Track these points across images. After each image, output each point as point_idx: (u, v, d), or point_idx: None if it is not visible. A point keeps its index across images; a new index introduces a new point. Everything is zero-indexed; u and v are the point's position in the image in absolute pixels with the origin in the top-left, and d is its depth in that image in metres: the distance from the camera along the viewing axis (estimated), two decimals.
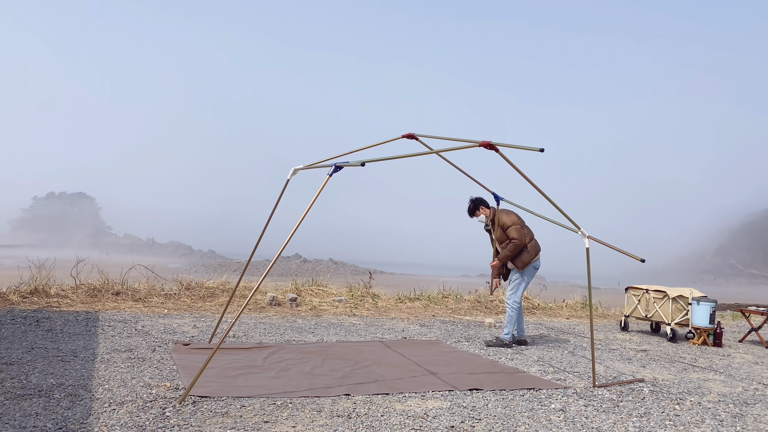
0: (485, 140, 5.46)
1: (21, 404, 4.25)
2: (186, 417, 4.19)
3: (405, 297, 11.57)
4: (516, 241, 7.33)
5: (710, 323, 8.33)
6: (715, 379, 6.34)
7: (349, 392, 5.02)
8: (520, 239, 7.34)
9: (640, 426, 4.53)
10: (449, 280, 17.67)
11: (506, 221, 7.44)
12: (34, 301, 8.70)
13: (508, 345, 7.48)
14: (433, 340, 7.82)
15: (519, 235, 7.34)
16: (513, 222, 7.41)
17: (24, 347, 6.02)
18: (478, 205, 7.58)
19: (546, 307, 11.76)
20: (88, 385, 4.81)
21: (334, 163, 5.14)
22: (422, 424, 4.30)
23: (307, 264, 45.66)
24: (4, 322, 7.22)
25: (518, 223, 7.43)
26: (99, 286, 9.53)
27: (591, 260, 5.87)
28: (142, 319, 8.10)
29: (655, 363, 7.02)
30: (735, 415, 4.98)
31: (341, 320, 9.10)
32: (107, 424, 3.95)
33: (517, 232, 7.35)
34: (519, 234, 7.35)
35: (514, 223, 7.40)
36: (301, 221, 5.12)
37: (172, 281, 10.44)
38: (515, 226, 7.38)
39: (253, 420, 4.21)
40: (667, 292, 8.78)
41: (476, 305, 11.27)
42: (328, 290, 11.24)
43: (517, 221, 7.43)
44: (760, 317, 10.79)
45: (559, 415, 4.71)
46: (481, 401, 4.96)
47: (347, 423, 4.24)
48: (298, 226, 5.14)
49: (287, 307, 9.83)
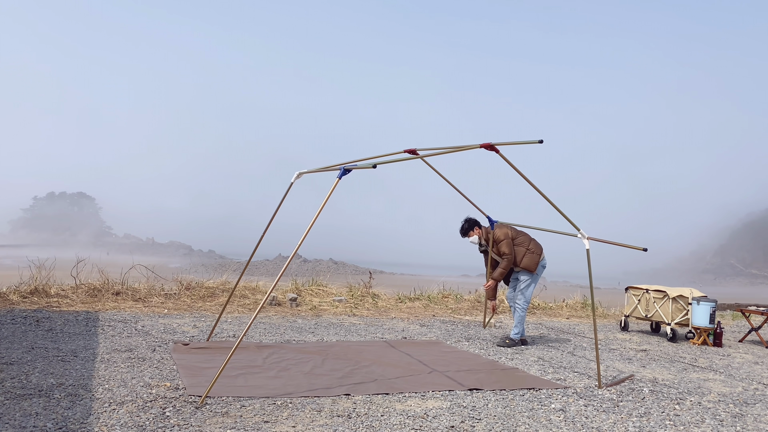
0: (486, 142, 5.47)
1: (21, 404, 4.25)
2: (186, 417, 4.19)
3: (405, 297, 11.58)
4: (508, 257, 7.40)
5: (710, 323, 8.33)
6: (715, 379, 6.34)
7: (349, 392, 5.02)
8: (510, 254, 7.40)
9: (640, 426, 4.53)
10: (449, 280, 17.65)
11: (499, 236, 7.50)
12: (34, 301, 8.70)
13: (518, 344, 7.58)
14: (433, 340, 7.82)
15: (509, 249, 7.41)
16: (505, 236, 7.46)
17: (24, 347, 6.02)
18: (472, 226, 7.61)
19: (546, 307, 11.76)
20: (88, 385, 4.81)
21: (342, 167, 5.15)
22: (422, 424, 4.30)
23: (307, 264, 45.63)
24: (4, 322, 7.22)
25: (510, 236, 7.47)
26: (99, 286, 9.53)
27: (591, 260, 5.87)
28: (142, 319, 8.10)
29: (655, 363, 7.02)
30: (735, 415, 4.98)
31: (341, 320, 9.10)
32: (107, 424, 3.95)
33: (507, 246, 7.42)
34: (510, 249, 7.41)
35: (506, 237, 7.45)
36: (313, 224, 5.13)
37: (172, 281, 10.44)
38: (506, 240, 7.43)
39: (253, 420, 4.21)
40: (667, 292, 8.78)
41: (476, 305, 11.27)
42: (328, 290, 11.24)
43: (510, 234, 7.48)
44: (760, 317, 10.79)
45: (559, 415, 4.71)
46: (481, 401, 4.96)
47: (347, 423, 4.24)
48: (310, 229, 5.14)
49: (287, 307, 9.83)
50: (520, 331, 7.58)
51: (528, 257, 7.44)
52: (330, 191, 5.14)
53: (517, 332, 7.58)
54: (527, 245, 7.48)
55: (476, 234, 7.59)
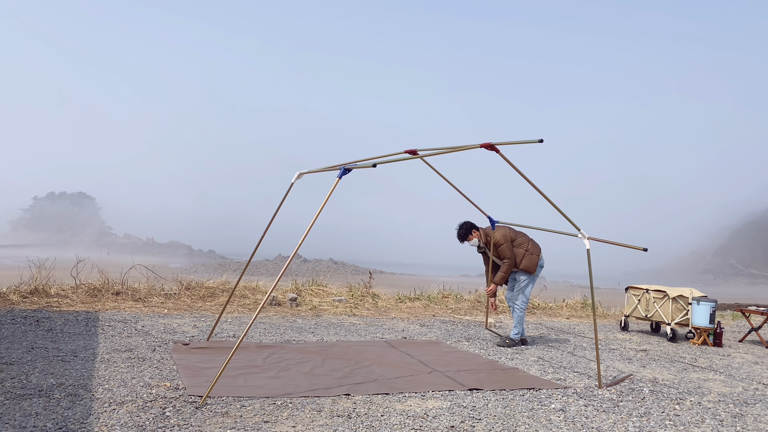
0: (486, 142, 5.47)
1: (21, 404, 4.25)
2: (186, 417, 4.19)
3: (405, 297, 11.58)
4: (509, 260, 7.40)
5: (710, 323, 8.33)
6: (715, 379, 6.34)
7: (349, 392, 5.02)
8: (511, 258, 7.41)
9: (640, 426, 4.53)
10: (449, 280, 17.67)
11: (499, 239, 7.50)
12: (34, 301, 8.70)
13: (518, 344, 7.59)
14: (433, 340, 7.82)
15: (510, 253, 7.42)
16: (504, 238, 7.45)
17: (24, 347, 6.02)
18: (469, 230, 7.56)
19: (546, 307, 11.76)
20: (88, 385, 4.81)
21: (343, 167, 5.14)
22: (422, 424, 4.30)
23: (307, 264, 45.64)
24: (4, 322, 7.22)
25: (509, 237, 7.47)
26: (99, 286, 9.53)
27: (591, 260, 5.87)
28: (142, 319, 8.10)
29: (655, 363, 7.02)
30: (735, 415, 4.98)
31: (341, 320, 9.10)
32: (107, 424, 3.95)
33: (508, 249, 7.42)
34: (510, 252, 7.42)
35: (506, 239, 7.45)
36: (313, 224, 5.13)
37: (172, 281, 10.44)
38: (506, 243, 7.44)
39: (253, 420, 4.21)
40: (667, 292, 8.78)
41: (476, 305, 11.27)
42: (328, 290, 11.25)
43: (509, 236, 7.48)
44: (760, 317, 10.79)
45: (559, 415, 4.71)
46: (481, 401, 4.96)
47: (347, 423, 4.24)
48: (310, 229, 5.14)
49: (287, 307, 9.83)
50: (520, 331, 7.60)
51: (527, 259, 7.44)
52: (330, 191, 5.14)
53: (517, 332, 7.59)
54: (526, 246, 7.49)
55: (475, 237, 7.57)
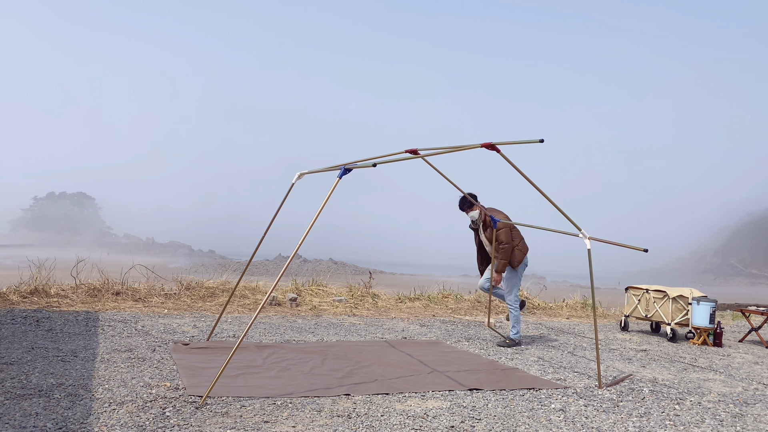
0: (487, 142, 5.47)
1: (21, 404, 4.25)
2: (186, 417, 4.19)
3: (405, 297, 11.57)
4: (505, 246, 7.42)
5: (710, 323, 8.33)
6: (715, 379, 6.34)
7: (349, 392, 5.02)
8: (508, 242, 7.42)
9: (640, 426, 4.53)
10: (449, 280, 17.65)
11: (500, 224, 7.48)
12: (34, 301, 8.70)
13: (519, 343, 7.61)
14: (433, 340, 7.82)
15: (507, 238, 7.43)
16: (505, 226, 7.45)
17: (24, 347, 6.02)
18: (475, 200, 7.58)
19: (546, 307, 11.76)
20: (88, 385, 4.81)
21: (343, 167, 5.14)
22: (422, 424, 4.30)
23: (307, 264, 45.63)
24: (4, 322, 7.22)
25: (510, 227, 7.50)
26: (99, 286, 9.53)
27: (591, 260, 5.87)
28: (142, 319, 8.10)
29: (655, 363, 7.02)
30: (735, 415, 4.98)
31: (341, 320, 9.10)
32: (107, 424, 3.95)
33: (506, 234, 7.44)
34: (507, 237, 7.43)
35: (507, 226, 7.45)
36: (313, 223, 5.13)
37: (172, 281, 10.44)
38: (506, 229, 7.46)
39: (253, 420, 4.21)
40: (667, 292, 8.78)
41: (476, 305, 11.27)
42: (328, 290, 11.24)
43: (510, 225, 7.49)
44: (760, 317, 10.79)
45: (559, 415, 4.71)
46: (481, 401, 4.96)
47: (347, 423, 4.24)
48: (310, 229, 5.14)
49: (287, 307, 9.83)
50: (519, 330, 7.59)
51: (515, 253, 7.50)
52: (330, 191, 5.14)
53: (516, 332, 7.59)
54: (517, 242, 7.53)
55: (478, 209, 7.58)
